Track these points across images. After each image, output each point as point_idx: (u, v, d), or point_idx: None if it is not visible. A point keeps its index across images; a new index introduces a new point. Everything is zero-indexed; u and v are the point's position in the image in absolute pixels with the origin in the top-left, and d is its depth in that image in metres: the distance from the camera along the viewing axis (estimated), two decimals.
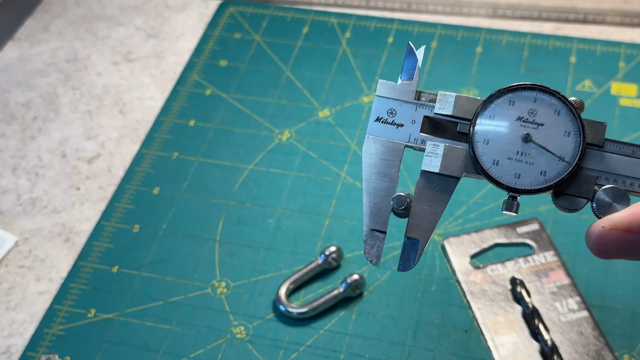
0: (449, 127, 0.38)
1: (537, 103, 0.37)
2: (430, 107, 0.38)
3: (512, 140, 0.37)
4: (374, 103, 0.39)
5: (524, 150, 0.36)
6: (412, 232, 0.37)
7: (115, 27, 0.84)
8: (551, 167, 0.36)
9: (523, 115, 0.37)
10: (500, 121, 0.37)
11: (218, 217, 0.65)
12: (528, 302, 0.56)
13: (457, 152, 0.37)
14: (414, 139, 0.38)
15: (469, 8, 0.81)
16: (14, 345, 0.59)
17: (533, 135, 0.37)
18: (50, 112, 0.76)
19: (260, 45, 0.79)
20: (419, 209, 0.37)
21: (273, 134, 0.71)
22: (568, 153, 0.36)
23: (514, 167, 0.36)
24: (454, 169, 0.37)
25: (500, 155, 0.36)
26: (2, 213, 0.68)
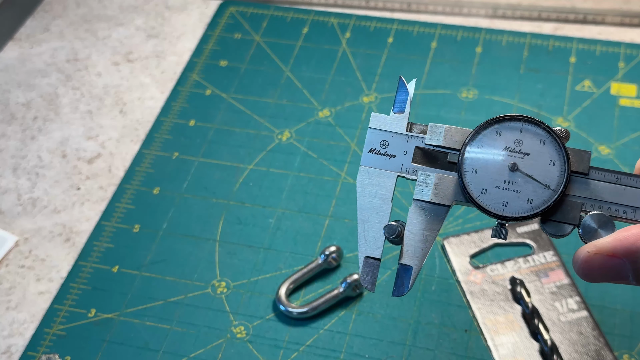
0: (440, 157, 0.39)
1: (523, 133, 0.38)
2: (421, 138, 0.40)
3: (499, 170, 0.38)
4: (367, 135, 0.41)
5: (511, 179, 0.38)
6: (405, 259, 0.39)
7: (116, 27, 0.84)
8: (537, 195, 0.37)
9: (510, 145, 0.38)
10: (488, 151, 0.38)
11: (218, 217, 0.65)
12: (528, 302, 0.56)
13: (448, 181, 0.39)
14: (406, 169, 0.40)
15: (469, 8, 0.81)
16: (14, 345, 0.59)
17: (519, 164, 0.38)
18: (51, 112, 0.76)
19: (260, 45, 0.79)
20: (412, 236, 0.39)
21: (273, 134, 0.71)
22: (554, 181, 0.37)
23: (501, 196, 0.37)
24: (444, 197, 0.38)
25: (488, 184, 0.38)
26: (3, 213, 0.68)
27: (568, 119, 0.70)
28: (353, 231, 0.63)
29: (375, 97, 0.73)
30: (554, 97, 0.72)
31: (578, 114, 0.70)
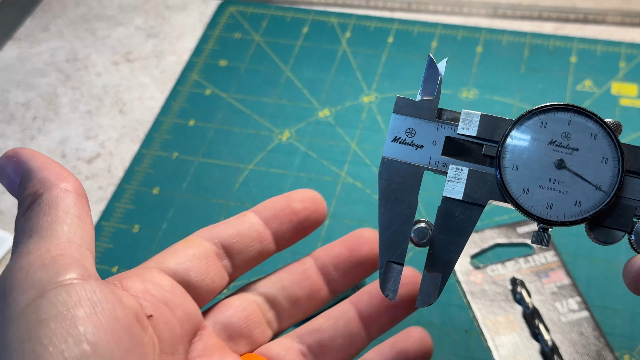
0: (474, 149, 0.35)
1: (571, 126, 0.34)
2: (452, 126, 0.35)
3: (544, 167, 0.33)
4: (391, 121, 0.36)
5: (557, 178, 0.33)
6: (432, 265, 0.34)
7: (115, 27, 0.84)
8: (587, 197, 0.33)
9: (556, 139, 0.34)
10: (531, 145, 0.34)
11: (218, 217, 0.65)
12: (528, 302, 0.56)
13: (483, 178, 0.34)
14: (435, 162, 0.35)
15: (469, 8, 0.81)
16: None
17: (567, 161, 0.33)
18: (50, 112, 0.76)
19: (260, 45, 0.79)
20: (440, 239, 0.34)
21: (273, 134, 0.71)
22: (605, 182, 0.33)
23: (545, 196, 0.33)
24: (478, 196, 0.34)
25: (531, 182, 0.33)
26: (2, 213, 0.68)
27: None
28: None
29: (375, 97, 0.73)
30: (555, 97, 0.71)
31: None
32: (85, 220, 0.34)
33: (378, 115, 0.72)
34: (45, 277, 0.31)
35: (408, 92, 0.73)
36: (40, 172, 0.34)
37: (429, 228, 0.34)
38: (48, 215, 0.33)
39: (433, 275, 0.34)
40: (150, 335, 0.34)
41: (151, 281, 0.37)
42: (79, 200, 0.34)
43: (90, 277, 0.32)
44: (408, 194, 0.35)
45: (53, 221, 0.33)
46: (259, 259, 0.42)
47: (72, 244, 0.32)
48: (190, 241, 0.40)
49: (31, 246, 0.32)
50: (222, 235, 0.41)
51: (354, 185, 0.66)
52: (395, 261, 0.34)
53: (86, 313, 0.30)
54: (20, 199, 0.35)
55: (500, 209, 0.63)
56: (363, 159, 0.68)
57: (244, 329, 0.39)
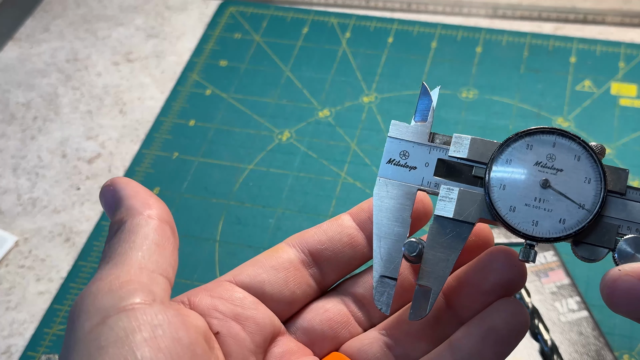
0: (464, 170, 0.36)
1: (556, 148, 0.35)
2: (444, 149, 0.37)
3: (529, 186, 0.35)
4: (387, 144, 0.38)
5: (542, 197, 0.35)
6: (423, 280, 0.35)
7: (116, 27, 0.84)
8: (571, 215, 0.34)
9: (541, 160, 0.35)
10: (518, 166, 0.35)
11: (218, 217, 0.65)
12: (528, 302, 0.56)
13: (472, 197, 0.36)
14: (427, 182, 0.36)
15: (469, 8, 0.81)
16: (14, 345, 0.59)
17: (552, 181, 0.35)
18: (51, 112, 0.76)
19: (260, 45, 0.79)
20: (432, 255, 0.35)
21: (273, 134, 0.71)
22: (588, 200, 0.34)
23: (531, 214, 0.35)
24: (468, 214, 0.35)
25: (518, 201, 0.35)
26: (3, 213, 0.68)
27: (568, 119, 0.70)
28: None
29: (375, 97, 0.73)
30: (554, 97, 0.71)
31: (578, 114, 0.70)
32: (165, 247, 0.35)
33: (378, 115, 0.72)
34: (110, 303, 0.31)
35: (408, 92, 0.74)
36: (128, 200, 0.35)
37: (419, 243, 0.36)
38: (126, 242, 0.34)
39: (424, 290, 0.35)
40: (216, 354, 0.34)
41: (220, 296, 0.37)
42: (160, 227, 0.35)
43: (154, 301, 0.32)
44: (402, 212, 0.37)
45: (129, 248, 0.34)
46: (352, 264, 0.40)
47: (143, 270, 0.33)
48: (275, 250, 0.39)
49: (104, 272, 0.33)
50: (310, 242, 0.39)
51: (354, 185, 0.66)
52: (389, 276, 0.36)
53: (145, 337, 0.30)
54: (110, 226, 0.36)
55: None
56: (363, 159, 0.68)
57: (327, 330, 0.38)
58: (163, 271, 0.34)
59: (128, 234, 0.34)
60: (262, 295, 0.38)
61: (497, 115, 0.70)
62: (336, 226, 0.39)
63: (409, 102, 0.73)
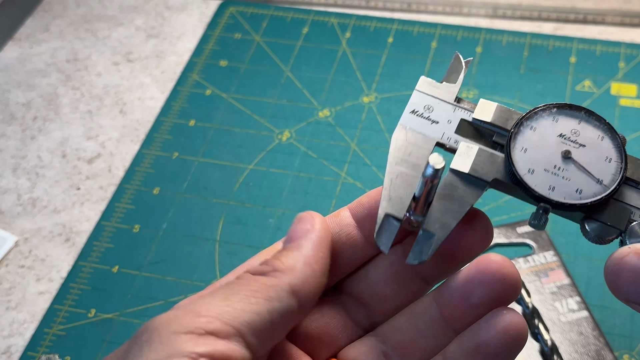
0: (486, 134, 0.36)
1: (581, 125, 0.36)
2: (469, 112, 0.37)
3: (551, 154, 0.35)
4: (412, 96, 0.38)
5: (562, 166, 0.35)
6: (429, 226, 0.34)
7: (116, 27, 0.84)
8: (588, 187, 0.34)
9: (565, 133, 0.35)
10: (542, 134, 0.36)
11: (218, 217, 0.65)
12: (528, 302, 0.56)
13: (491, 157, 0.35)
14: (447, 138, 0.36)
15: (469, 8, 0.81)
16: (14, 345, 0.59)
17: (573, 153, 0.35)
18: (51, 112, 0.76)
19: (260, 45, 0.79)
20: (441, 205, 0.35)
21: (273, 134, 0.71)
22: (607, 178, 0.34)
23: (549, 180, 0.34)
24: (485, 172, 0.35)
25: (537, 165, 0.35)
26: (3, 213, 0.68)
27: None
28: None
29: (375, 97, 0.73)
30: (554, 97, 0.71)
31: None
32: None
33: (378, 115, 0.72)
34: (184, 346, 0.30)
35: (408, 92, 0.74)
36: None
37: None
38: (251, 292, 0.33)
39: (429, 234, 0.34)
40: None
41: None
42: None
43: None
44: (417, 159, 0.36)
45: (246, 298, 0.33)
46: (351, 264, 0.38)
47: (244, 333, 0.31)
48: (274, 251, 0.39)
49: (202, 305, 0.32)
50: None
51: (354, 185, 0.66)
52: (395, 216, 0.35)
53: None
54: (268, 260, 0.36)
55: (500, 209, 0.63)
56: (363, 159, 0.68)
57: (324, 336, 0.38)
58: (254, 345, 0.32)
59: (260, 292, 0.32)
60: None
61: None
62: (334, 225, 0.38)
63: None
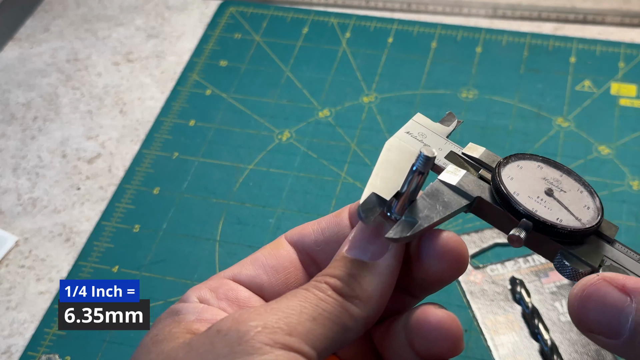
0: (472, 168, 0.37)
1: (563, 177, 0.37)
2: (458, 147, 0.38)
3: (535, 187, 0.36)
4: (408, 123, 0.39)
5: (545, 198, 0.36)
6: (412, 213, 0.35)
7: (116, 27, 0.84)
8: (568, 220, 0.35)
9: (549, 178, 0.37)
10: (527, 171, 0.37)
11: (218, 217, 0.65)
12: (528, 302, 0.56)
13: (477, 182, 0.36)
14: (437, 159, 0.37)
15: (469, 8, 0.81)
16: (14, 345, 0.59)
17: (555, 193, 0.36)
18: (51, 112, 0.76)
19: (261, 45, 0.79)
20: (426, 202, 0.35)
21: (273, 134, 0.71)
22: (585, 219, 0.36)
23: (532, 204, 0.35)
24: (470, 189, 0.36)
25: (522, 190, 0.36)
26: (3, 213, 0.68)
27: (568, 119, 0.70)
28: None
29: (375, 97, 0.73)
30: (554, 97, 0.72)
31: (578, 114, 0.70)
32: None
33: (378, 115, 0.72)
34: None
35: (408, 92, 0.74)
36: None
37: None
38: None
39: (411, 219, 0.35)
40: None
41: (226, 297, 0.36)
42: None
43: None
44: (406, 163, 0.36)
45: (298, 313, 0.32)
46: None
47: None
48: (275, 248, 0.38)
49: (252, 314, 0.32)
50: (308, 242, 0.38)
51: (354, 185, 0.67)
52: (381, 196, 0.35)
53: None
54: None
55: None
56: (363, 159, 0.68)
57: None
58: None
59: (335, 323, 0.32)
60: (260, 296, 0.37)
61: (497, 115, 0.70)
62: (334, 225, 0.38)
63: (409, 102, 0.73)
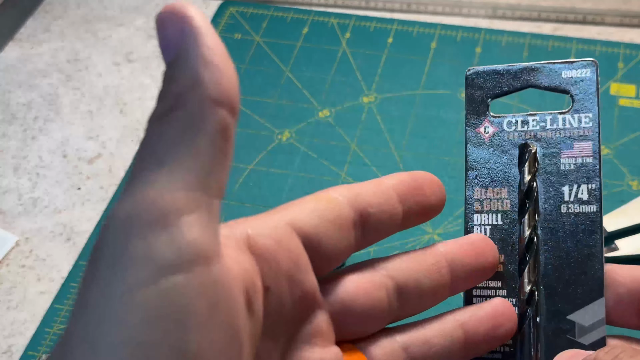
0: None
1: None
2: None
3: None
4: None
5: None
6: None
7: (116, 28, 0.84)
8: None
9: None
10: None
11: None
12: (527, 178, 0.42)
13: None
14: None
15: (469, 9, 0.82)
16: (14, 345, 0.59)
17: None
18: (51, 112, 0.76)
19: (261, 45, 0.80)
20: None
21: (273, 134, 0.71)
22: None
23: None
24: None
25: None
26: (3, 213, 0.68)
27: None
28: None
29: (375, 97, 0.73)
30: (554, 97, 0.72)
31: None
32: (226, 158, 0.26)
33: (378, 115, 0.72)
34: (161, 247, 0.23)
35: (408, 93, 0.74)
36: (197, 67, 0.25)
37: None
38: (183, 143, 0.24)
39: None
40: (257, 316, 0.27)
41: (281, 244, 0.29)
42: (229, 129, 0.27)
43: (215, 258, 0.24)
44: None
45: (187, 154, 0.24)
46: (383, 236, 0.35)
47: (203, 195, 0.24)
48: (327, 200, 0.33)
49: (148, 182, 0.24)
50: (361, 203, 0.33)
51: None
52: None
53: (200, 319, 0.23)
54: (160, 91, 0.25)
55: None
56: (363, 159, 0.68)
57: (362, 315, 0.32)
58: (218, 193, 0.25)
59: (185, 128, 0.25)
60: (314, 252, 0.31)
61: None
62: (382, 191, 0.35)
63: (409, 102, 0.73)
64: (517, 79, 0.46)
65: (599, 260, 0.39)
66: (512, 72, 0.46)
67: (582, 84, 0.44)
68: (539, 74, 0.45)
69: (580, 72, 0.45)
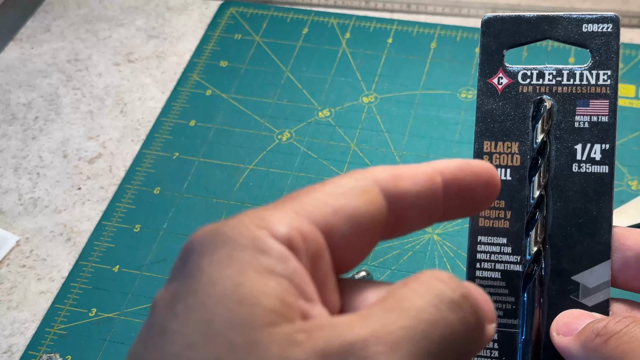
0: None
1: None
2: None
3: None
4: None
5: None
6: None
7: (116, 28, 0.84)
8: None
9: None
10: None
11: (218, 217, 0.65)
12: (541, 135, 0.40)
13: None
14: None
15: (468, 9, 0.82)
16: (15, 345, 0.59)
17: None
18: (52, 112, 0.76)
19: (261, 45, 0.80)
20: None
21: (273, 134, 0.72)
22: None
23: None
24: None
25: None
26: (4, 213, 0.68)
27: None
28: None
29: (375, 97, 0.74)
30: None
31: None
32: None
33: (378, 115, 0.72)
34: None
35: (407, 93, 0.74)
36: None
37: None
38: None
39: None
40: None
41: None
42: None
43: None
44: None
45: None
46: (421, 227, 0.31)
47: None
48: (366, 192, 0.30)
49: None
50: (399, 194, 0.30)
51: None
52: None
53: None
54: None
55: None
56: (363, 159, 0.69)
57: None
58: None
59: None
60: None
61: None
62: (428, 184, 0.31)
63: (409, 102, 0.73)
64: (535, 29, 0.43)
65: (607, 222, 0.37)
66: (531, 20, 0.42)
67: (602, 39, 0.42)
68: (559, 25, 0.42)
69: (602, 27, 0.42)
